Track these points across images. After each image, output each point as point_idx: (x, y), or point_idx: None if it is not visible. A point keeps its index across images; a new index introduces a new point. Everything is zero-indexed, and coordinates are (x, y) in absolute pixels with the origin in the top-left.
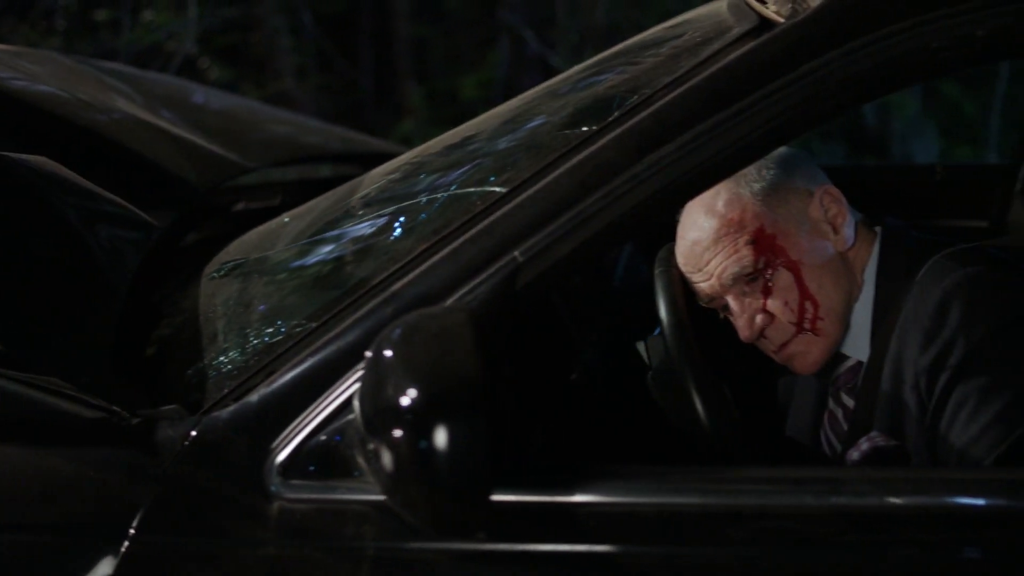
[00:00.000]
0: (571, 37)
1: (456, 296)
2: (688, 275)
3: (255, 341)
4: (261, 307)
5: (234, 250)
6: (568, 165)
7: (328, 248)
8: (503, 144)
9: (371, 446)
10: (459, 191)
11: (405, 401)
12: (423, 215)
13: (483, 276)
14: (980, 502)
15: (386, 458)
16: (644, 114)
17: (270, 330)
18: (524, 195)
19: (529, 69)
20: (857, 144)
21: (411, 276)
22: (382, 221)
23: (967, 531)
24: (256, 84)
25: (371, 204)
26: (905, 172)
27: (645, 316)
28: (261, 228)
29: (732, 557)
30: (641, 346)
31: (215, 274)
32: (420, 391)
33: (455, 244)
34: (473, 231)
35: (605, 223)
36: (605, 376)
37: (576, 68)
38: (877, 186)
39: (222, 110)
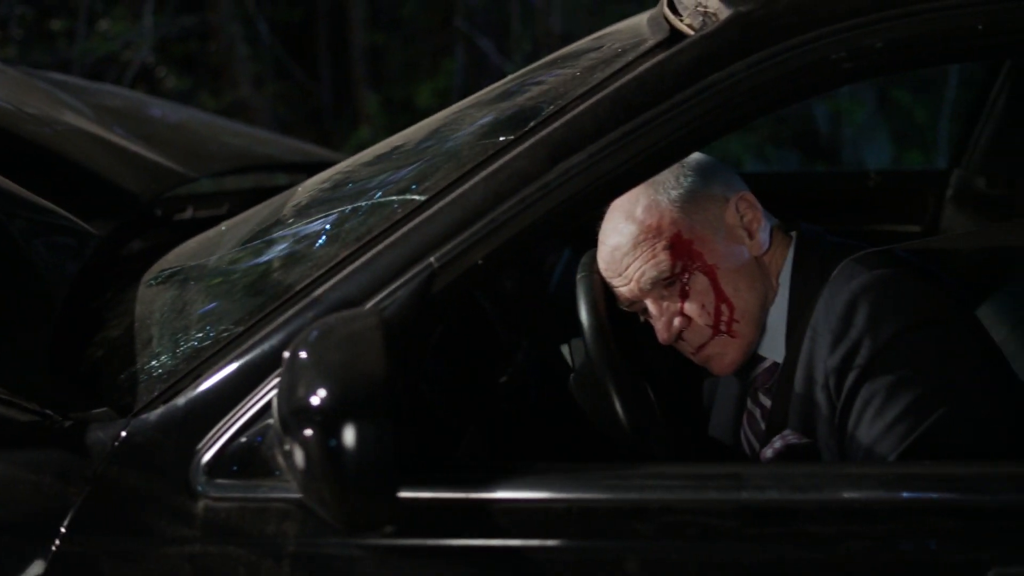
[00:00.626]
0: (525, 45)
1: (375, 300)
2: (609, 280)
3: (185, 345)
4: (193, 313)
5: (173, 258)
6: (483, 174)
7: (258, 255)
8: (427, 153)
9: (287, 445)
10: (382, 199)
11: (315, 401)
12: (347, 223)
13: (400, 281)
14: (878, 495)
15: (299, 457)
16: (557, 124)
17: (200, 335)
18: (441, 203)
19: (484, 77)
20: (809, 151)
21: (332, 282)
22: (309, 229)
23: (865, 524)
24: (213, 93)
25: (301, 212)
26: (840, 179)
27: (578, 321)
28: (200, 236)
29: (639, 551)
30: (565, 349)
31: (152, 281)
32: (330, 391)
33: (375, 250)
34: (392, 238)
35: (517, 230)
36: (535, 379)
37: (503, 80)
38: (813, 193)
39: (166, 120)
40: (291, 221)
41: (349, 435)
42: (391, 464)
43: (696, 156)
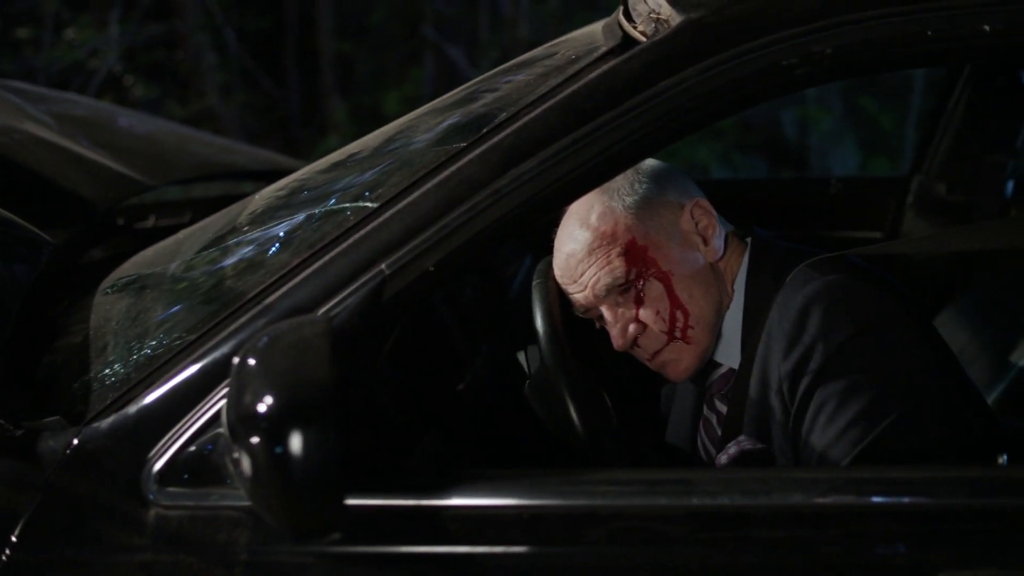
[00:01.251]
0: (493, 54)
1: (326, 307)
2: (564, 286)
3: (138, 354)
4: (147, 321)
5: (130, 266)
6: (435, 181)
7: (212, 263)
8: (382, 160)
9: (235, 453)
10: (335, 206)
11: (261, 408)
12: (300, 230)
13: (351, 288)
14: (828, 500)
15: (246, 464)
16: (508, 131)
17: (153, 343)
18: (392, 210)
19: (453, 85)
20: (777, 158)
21: (284, 289)
22: (264, 236)
23: (815, 529)
24: (180, 102)
25: (256, 220)
26: (801, 186)
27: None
28: (158, 245)
29: (589, 557)
30: (521, 355)
31: (109, 289)
32: (275, 398)
33: (326, 257)
34: (343, 245)
35: (469, 236)
36: (494, 386)
37: (460, 87)
38: (774, 200)
39: (127, 129)
40: (246, 229)
41: (294, 442)
42: (337, 471)
43: (651, 163)
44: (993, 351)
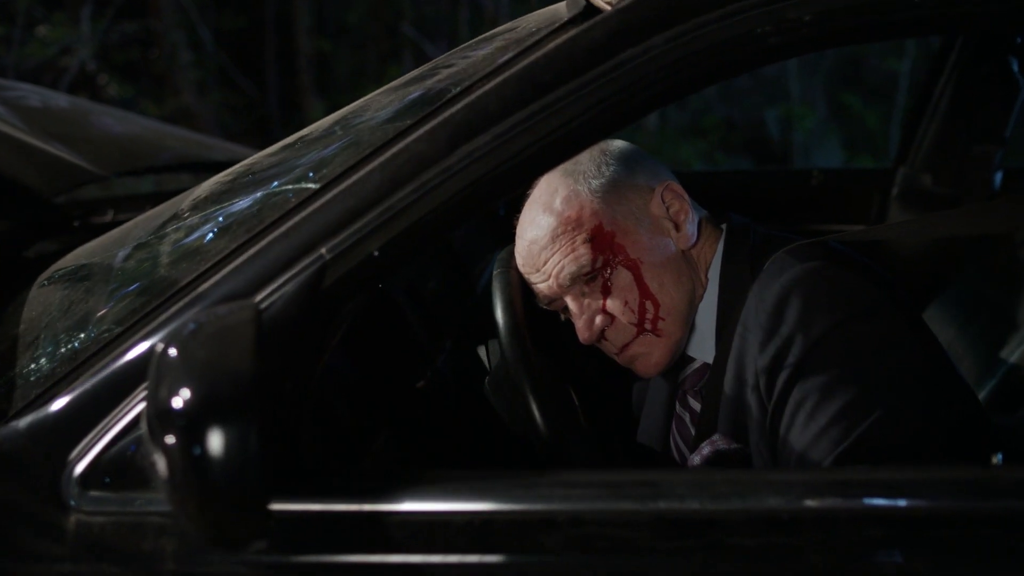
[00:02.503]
0: None
1: (262, 294)
2: (527, 276)
3: (65, 348)
4: (78, 313)
5: (71, 258)
6: (380, 159)
7: (149, 252)
8: (329, 141)
9: (154, 453)
10: (277, 189)
11: (178, 404)
12: (240, 215)
13: (289, 274)
14: (806, 504)
15: (162, 465)
16: (459, 105)
17: (82, 335)
18: (334, 191)
19: None
20: (760, 156)
21: (218, 276)
22: (202, 223)
23: (792, 535)
24: (155, 100)
25: (198, 207)
26: (782, 178)
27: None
28: (102, 236)
29: (546, 566)
30: (482, 350)
31: (45, 282)
32: (193, 393)
33: (263, 242)
34: (281, 228)
35: (416, 218)
36: (456, 383)
37: (420, 68)
38: (754, 192)
39: (81, 118)
40: (187, 216)
41: (213, 441)
42: (261, 472)
43: (619, 144)
44: (981, 347)
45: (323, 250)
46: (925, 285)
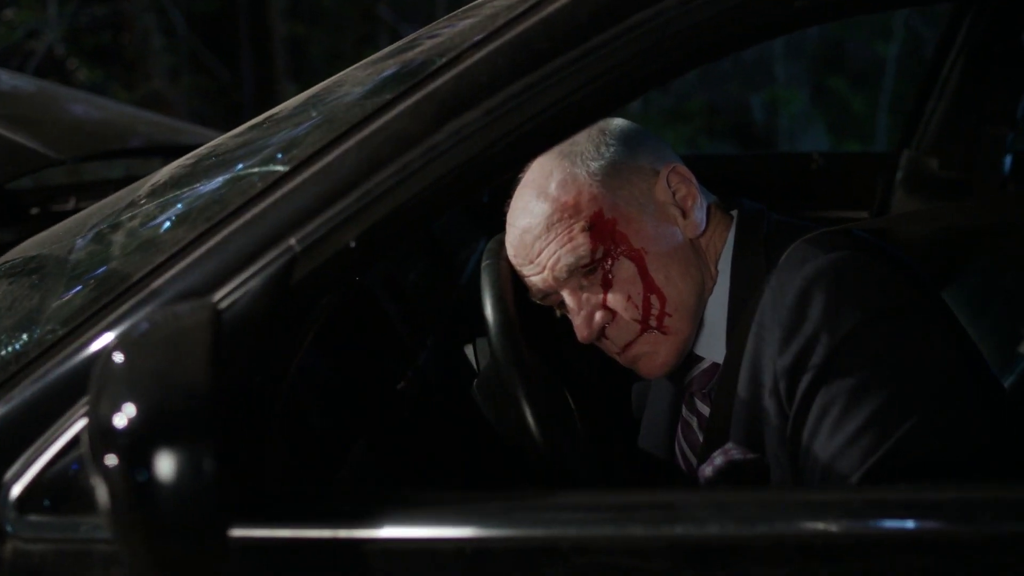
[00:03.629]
0: None
1: (223, 291)
2: (518, 268)
3: (5, 351)
4: (20, 312)
5: (19, 249)
6: (357, 138)
7: (101, 243)
8: (302, 119)
9: (94, 475)
10: (242, 172)
11: (121, 421)
12: (200, 201)
13: (254, 268)
14: (844, 528)
15: (102, 490)
16: (447, 76)
17: (24, 338)
18: (306, 173)
19: None
20: (745, 141)
21: (175, 270)
22: (160, 211)
23: (827, 563)
24: (126, 85)
25: (156, 193)
26: (779, 162)
27: (483, 317)
28: (58, 225)
29: None
30: (469, 349)
31: None
32: (139, 408)
33: (225, 232)
34: (246, 216)
35: (398, 203)
36: (441, 386)
37: (402, 40)
38: (749, 177)
39: (35, 99)
40: (144, 203)
41: (161, 464)
42: (218, 498)
43: (620, 123)
44: (996, 340)
45: (292, 241)
46: (934, 275)
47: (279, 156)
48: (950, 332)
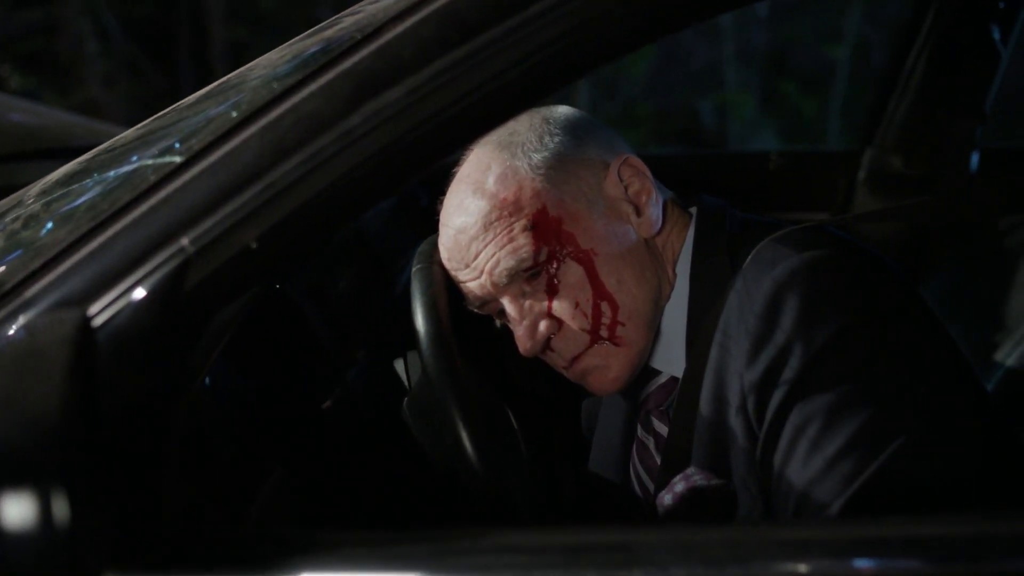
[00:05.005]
0: None
1: (102, 301)
2: (453, 272)
3: None
4: None
5: None
6: (260, 123)
7: None
8: (206, 107)
9: None
10: (136, 165)
11: None
12: (86, 199)
13: (140, 273)
14: (827, 568)
15: None
16: (364, 52)
17: None
18: (202, 164)
19: None
20: (694, 146)
21: (51, 277)
22: (44, 211)
23: None
24: (60, 92)
25: (45, 192)
26: (735, 161)
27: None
28: None
29: None
30: (400, 364)
31: None
32: None
33: (110, 232)
34: (134, 215)
35: (308, 197)
36: (371, 406)
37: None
38: (703, 177)
39: None
40: (31, 203)
41: (7, 510)
42: (77, 546)
43: (565, 111)
44: (970, 350)
45: (185, 241)
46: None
47: (176, 146)
48: (938, 339)
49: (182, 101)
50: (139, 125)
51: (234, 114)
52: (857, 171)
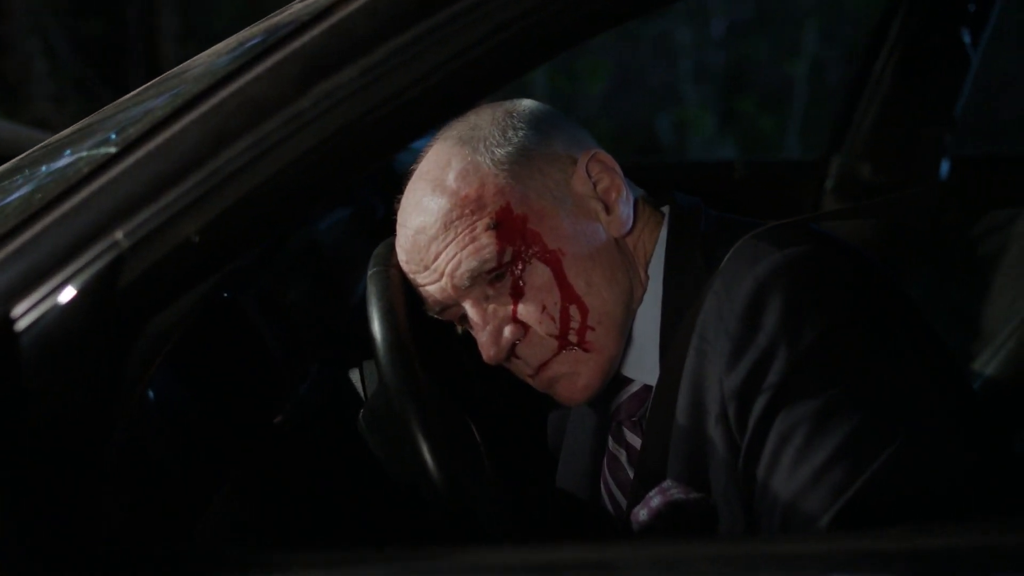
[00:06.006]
0: None
1: (25, 303)
2: (412, 275)
3: None
4: None
5: None
6: (202, 108)
7: None
8: (148, 97)
9: None
10: (69, 159)
11: None
12: (15, 196)
13: (68, 271)
14: None
15: None
16: (315, 31)
17: None
18: (138, 153)
19: None
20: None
21: None
22: None
23: None
24: (8, 111)
25: None
26: (699, 170)
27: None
28: None
29: None
30: (355, 375)
31: None
32: None
33: (36, 228)
34: (63, 208)
35: (253, 185)
36: (325, 420)
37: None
38: (666, 187)
39: None
40: None
41: None
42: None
43: (529, 104)
44: None
45: (119, 235)
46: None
47: (111, 137)
48: (927, 338)
49: (123, 97)
50: (77, 123)
51: (175, 101)
52: (824, 180)
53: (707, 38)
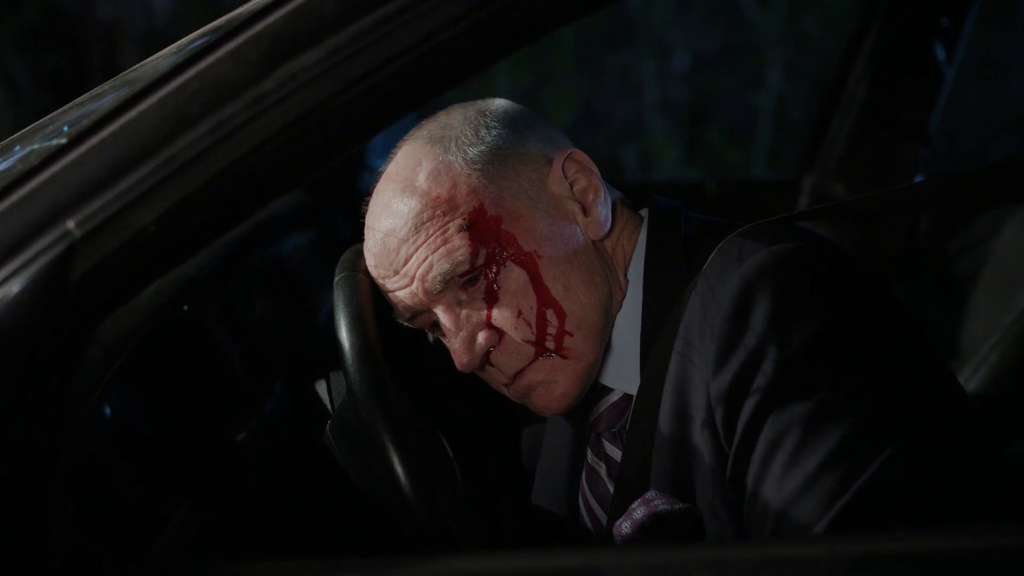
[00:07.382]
0: None
1: None
2: (381, 280)
3: None
4: None
5: None
6: (160, 93)
7: None
8: (108, 91)
9: None
10: (22, 153)
11: None
12: None
13: (16, 263)
14: None
15: None
16: (280, 12)
17: None
18: (91, 140)
19: None
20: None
21: None
22: None
23: None
24: None
25: None
26: (670, 191)
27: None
28: None
29: None
30: (322, 386)
31: None
32: None
33: None
34: (12, 199)
35: (214, 172)
36: (290, 436)
37: None
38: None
39: None
40: None
41: None
42: None
43: (502, 103)
44: None
45: (70, 224)
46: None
47: (64, 129)
48: (916, 337)
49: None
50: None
51: (133, 87)
52: (798, 198)
53: (672, 71)
